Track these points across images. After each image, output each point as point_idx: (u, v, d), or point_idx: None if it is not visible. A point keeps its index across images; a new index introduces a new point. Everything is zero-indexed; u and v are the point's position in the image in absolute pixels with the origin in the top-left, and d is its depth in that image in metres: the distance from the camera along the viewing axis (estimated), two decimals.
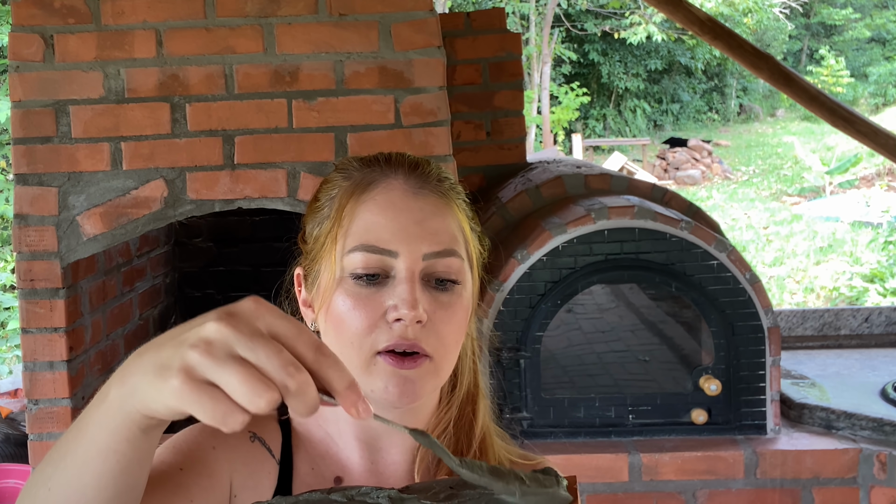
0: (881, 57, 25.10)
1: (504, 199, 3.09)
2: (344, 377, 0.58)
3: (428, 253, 0.84)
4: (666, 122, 22.78)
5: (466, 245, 0.90)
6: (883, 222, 9.67)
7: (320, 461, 0.93)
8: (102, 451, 0.62)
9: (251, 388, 0.55)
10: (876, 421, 2.62)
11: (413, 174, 0.88)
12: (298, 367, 0.56)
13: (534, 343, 2.64)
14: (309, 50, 2.34)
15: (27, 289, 2.32)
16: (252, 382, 0.55)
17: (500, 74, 3.57)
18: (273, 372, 0.56)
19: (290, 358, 0.56)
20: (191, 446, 0.86)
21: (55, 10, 2.33)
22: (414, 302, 0.82)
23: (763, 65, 3.52)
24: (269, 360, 0.56)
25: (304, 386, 0.56)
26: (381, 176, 0.88)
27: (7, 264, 7.30)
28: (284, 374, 0.56)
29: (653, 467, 2.57)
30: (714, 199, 13.34)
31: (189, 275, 3.42)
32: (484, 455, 0.94)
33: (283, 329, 0.58)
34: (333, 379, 0.58)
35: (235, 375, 0.55)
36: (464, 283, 0.88)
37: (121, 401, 0.60)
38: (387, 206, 0.86)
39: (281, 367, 0.56)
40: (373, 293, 0.84)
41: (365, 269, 0.84)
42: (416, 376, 0.84)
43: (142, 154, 2.34)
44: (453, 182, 0.91)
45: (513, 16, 17.60)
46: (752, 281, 2.65)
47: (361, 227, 0.85)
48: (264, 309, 0.59)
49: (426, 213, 0.86)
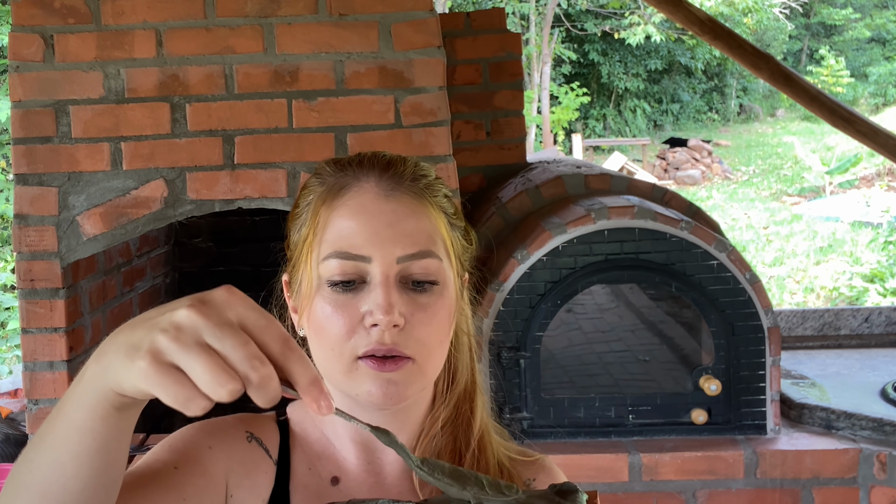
0: (881, 57, 25.10)
1: (504, 199, 3.09)
2: (307, 372, 0.59)
3: (402, 256, 0.84)
4: (666, 122, 22.78)
5: (445, 243, 0.89)
6: (883, 222, 9.66)
7: (317, 461, 0.93)
8: (79, 430, 0.63)
9: (214, 377, 0.56)
10: (876, 421, 2.62)
11: (385, 176, 0.87)
12: (262, 360, 0.57)
13: (534, 343, 2.64)
14: (309, 50, 2.34)
15: (27, 289, 2.32)
16: (215, 371, 0.56)
17: (500, 74, 3.57)
18: (237, 363, 0.57)
19: (255, 350, 0.57)
20: (187, 445, 0.86)
21: (55, 10, 2.33)
22: (388, 307, 0.82)
23: (763, 65, 3.52)
24: (234, 351, 0.57)
25: (266, 379, 0.57)
26: (353, 180, 0.87)
27: (7, 264, 7.31)
28: (248, 366, 0.57)
29: (653, 467, 2.57)
30: (714, 199, 13.34)
31: (189, 275, 3.42)
32: (482, 452, 0.94)
33: (252, 320, 0.59)
34: (297, 373, 0.59)
35: (200, 362, 0.56)
36: (444, 283, 0.87)
37: (95, 379, 0.61)
38: (359, 210, 0.85)
39: (245, 359, 0.57)
40: (350, 299, 0.84)
41: (341, 276, 0.84)
42: (399, 378, 0.84)
43: (142, 154, 2.34)
44: (431, 180, 0.90)
45: (513, 16, 17.59)
46: (752, 281, 2.65)
47: (335, 234, 0.85)
48: (236, 299, 0.60)
49: (399, 215, 0.85)
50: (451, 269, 0.89)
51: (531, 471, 0.97)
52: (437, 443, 0.93)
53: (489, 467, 0.93)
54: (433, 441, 0.93)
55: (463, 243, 0.93)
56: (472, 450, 0.93)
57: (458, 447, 0.93)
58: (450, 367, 0.95)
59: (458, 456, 0.93)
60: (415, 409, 0.93)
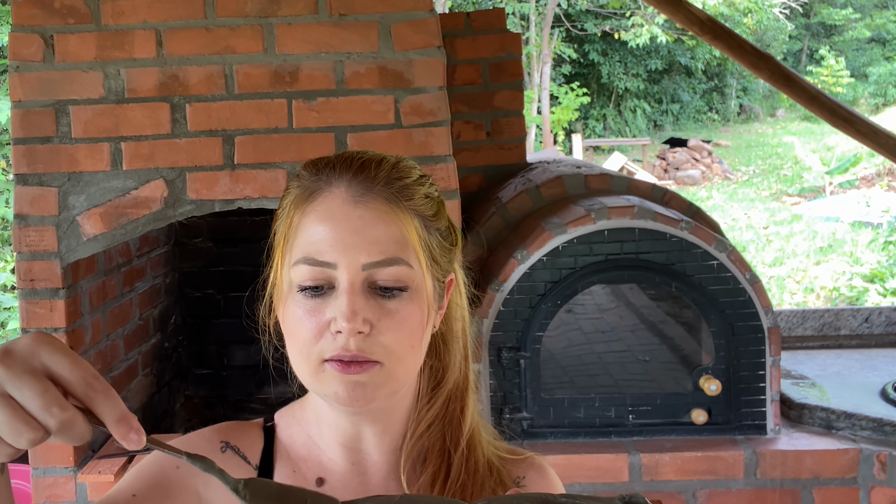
0: (881, 57, 25.10)
1: (504, 199, 3.09)
2: (114, 410, 0.61)
3: (367, 263, 0.84)
4: (666, 122, 22.78)
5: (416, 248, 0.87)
6: (883, 222, 9.67)
7: (302, 464, 0.94)
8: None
9: (13, 428, 0.59)
10: (876, 421, 2.62)
11: (356, 180, 0.87)
12: (63, 406, 0.59)
13: (534, 343, 2.64)
14: (309, 50, 2.34)
15: (27, 289, 2.32)
16: (14, 422, 0.59)
17: (500, 74, 3.57)
18: (35, 412, 0.59)
19: (54, 397, 0.59)
20: (151, 470, 0.89)
21: (55, 10, 2.33)
22: (351, 315, 0.82)
23: (763, 65, 3.52)
24: (32, 400, 0.59)
25: (67, 424, 0.59)
26: (325, 184, 0.87)
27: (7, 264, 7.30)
28: (46, 415, 0.59)
29: (653, 467, 2.57)
30: (714, 199, 13.35)
31: (189, 275, 3.42)
32: (471, 452, 0.94)
33: (56, 365, 0.61)
34: (104, 413, 0.61)
35: (0, 414, 0.59)
36: (415, 289, 0.87)
37: None
38: (327, 216, 0.85)
39: (43, 408, 0.59)
40: (318, 304, 0.85)
41: (311, 282, 0.85)
42: (365, 380, 0.84)
43: (142, 154, 2.34)
44: (408, 182, 0.89)
45: (513, 16, 17.59)
46: (752, 281, 2.65)
47: (304, 240, 0.86)
48: (41, 344, 0.61)
49: (366, 221, 0.85)
50: (424, 273, 0.88)
51: (521, 469, 0.97)
52: (424, 443, 0.94)
53: (478, 466, 0.94)
54: (420, 441, 0.93)
55: (443, 244, 0.91)
56: (461, 449, 0.94)
57: (447, 446, 0.94)
58: (436, 368, 0.96)
59: (447, 455, 0.93)
60: (397, 411, 0.93)
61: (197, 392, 3.44)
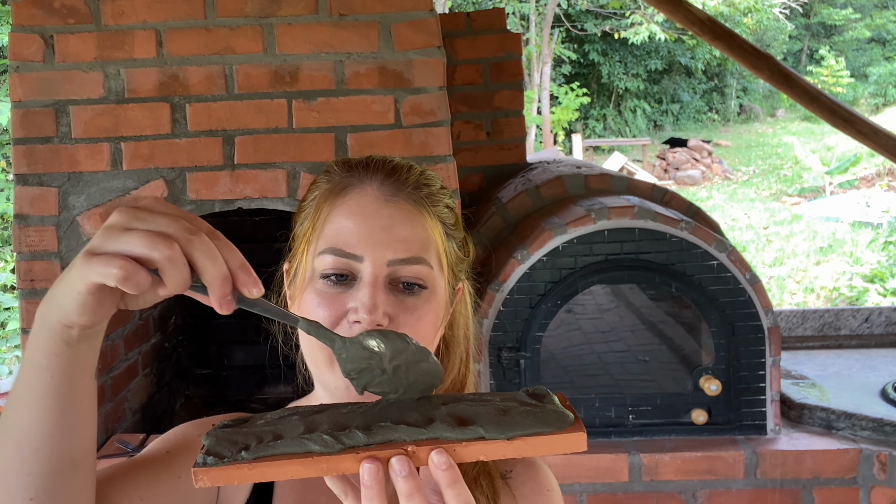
0: (881, 57, 25.10)
1: (504, 199, 3.09)
2: (235, 258, 0.66)
3: (393, 259, 0.86)
4: (666, 122, 22.79)
5: (438, 252, 0.91)
6: (883, 222, 9.67)
7: None
8: (37, 370, 0.67)
9: (149, 241, 0.62)
10: (876, 421, 2.62)
11: (388, 181, 0.90)
12: (194, 231, 0.64)
13: (534, 343, 2.64)
14: (309, 50, 2.34)
15: (27, 289, 2.32)
16: (151, 236, 0.62)
17: (500, 74, 3.57)
18: (174, 232, 0.63)
19: (186, 224, 0.64)
20: (177, 436, 0.92)
21: (55, 11, 2.33)
22: (372, 307, 0.84)
23: (763, 65, 3.52)
24: (168, 225, 0.63)
25: (205, 245, 0.64)
26: (357, 181, 0.90)
27: (7, 264, 7.30)
28: (186, 233, 0.63)
29: (653, 467, 2.57)
30: (714, 200, 13.35)
31: None
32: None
33: (180, 213, 0.65)
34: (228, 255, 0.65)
35: (135, 236, 0.62)
36: (433, 289, 0.89)
37: (44, 316, 0.66)
38: (357, 211, 0.88)
39: (181, 229, 0.63)
40: (338, 293, 0.87)
41: (333, 270, 0.87)
42: None
43: (142, 154, 2.34)
44: (433, 189, 0.93)
45: (513, 16, 17.60)
46: (752, 281, 2.65)
47: (333, 231, 0.88)
48: (164, 202, 0.66)
49: (395, 220, 0.88)
50: (441, 278, 0.91)
51: (509, 462, 0.98)
52: None
53: None
54: None
55: (458, 254, 0.95)
56: None
57: None
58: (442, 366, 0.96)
59: None
60: None
61: (197, 392, 3.44)
